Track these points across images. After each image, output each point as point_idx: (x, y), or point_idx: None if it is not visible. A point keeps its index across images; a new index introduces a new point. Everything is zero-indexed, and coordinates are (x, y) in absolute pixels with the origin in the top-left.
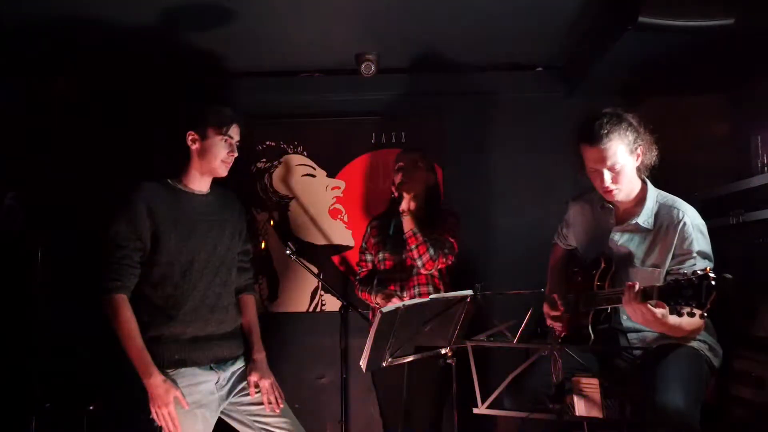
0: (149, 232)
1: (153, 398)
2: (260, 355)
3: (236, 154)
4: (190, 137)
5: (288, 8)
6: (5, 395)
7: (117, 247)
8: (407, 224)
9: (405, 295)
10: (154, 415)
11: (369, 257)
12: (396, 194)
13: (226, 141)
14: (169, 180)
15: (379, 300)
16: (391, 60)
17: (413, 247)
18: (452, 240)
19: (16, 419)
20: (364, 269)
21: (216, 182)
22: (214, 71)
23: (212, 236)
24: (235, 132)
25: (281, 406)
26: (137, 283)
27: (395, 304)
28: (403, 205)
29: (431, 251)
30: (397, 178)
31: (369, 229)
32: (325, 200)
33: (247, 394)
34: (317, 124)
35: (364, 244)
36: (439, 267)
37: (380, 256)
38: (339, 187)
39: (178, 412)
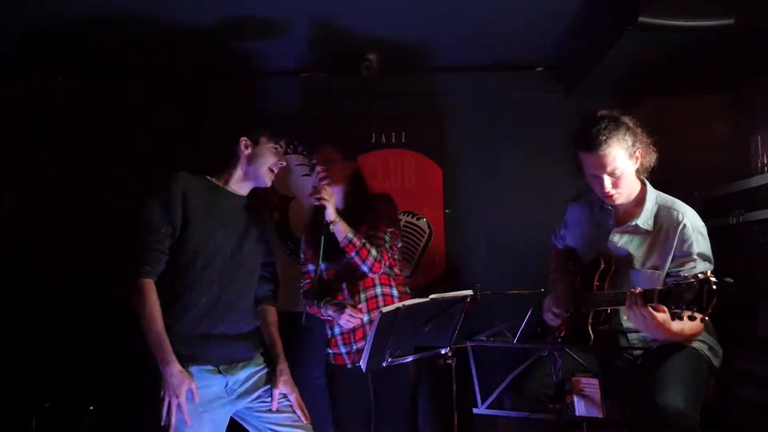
0: (180, 217)
1: (166, 386)
2: (285, 367)
3: (284, 163)
4: (243, 142)
5: (288, 8)
6: (5, 395)
7: (150, 231)
8: (340, 232)
9: (353, 301)
10: (164, 405)
11: (311, 267)
12: (317, 202)
13: (275, 149)
14: (208, 176)
15: (331, 313)
16: (392, 60)
17: (353, 254)
18: (391, 229)
19: (16, 419)
20: (307, 281)
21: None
22: (214, 71)
23: (240, 236)
24: (283, 142)
25: (307, 420)
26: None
27: (392, 307)
28: (330, 216)
29: (373, 252)
30: (318, 181)
31: (303, 239)
32: None
33: (266, 401)
34: (317, 124)
35: (302, 255)
36: (386, 264)
37: (321, 266)
38: None
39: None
